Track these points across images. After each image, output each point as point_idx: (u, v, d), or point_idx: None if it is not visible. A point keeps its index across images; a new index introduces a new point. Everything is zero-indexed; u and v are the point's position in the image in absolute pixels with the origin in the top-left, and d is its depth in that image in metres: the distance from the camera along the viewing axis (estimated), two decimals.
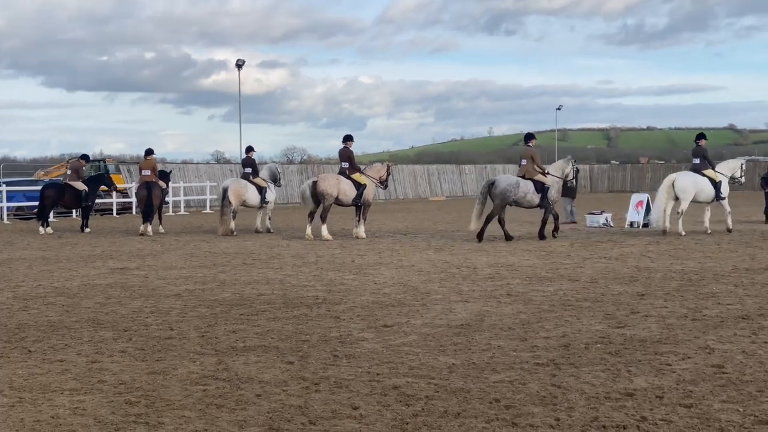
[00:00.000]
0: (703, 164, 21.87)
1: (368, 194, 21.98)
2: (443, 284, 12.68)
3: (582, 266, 14.77)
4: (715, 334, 8.58)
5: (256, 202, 24.23)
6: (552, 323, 9.36)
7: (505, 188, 20.29)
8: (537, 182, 20.58)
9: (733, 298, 10.99)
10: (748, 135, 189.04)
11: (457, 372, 7.15)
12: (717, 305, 10.41)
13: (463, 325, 9.34)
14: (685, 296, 11.18)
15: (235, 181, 24.39)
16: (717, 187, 21.59)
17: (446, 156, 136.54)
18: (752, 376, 6.85)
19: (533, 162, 20.85)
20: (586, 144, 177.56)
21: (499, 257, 16.44)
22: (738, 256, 16.10)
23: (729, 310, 10.07)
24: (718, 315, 9.72)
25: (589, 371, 7.11)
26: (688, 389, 6.49)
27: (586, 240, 20.11)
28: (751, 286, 12.00)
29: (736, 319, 9.46)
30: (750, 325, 9.04)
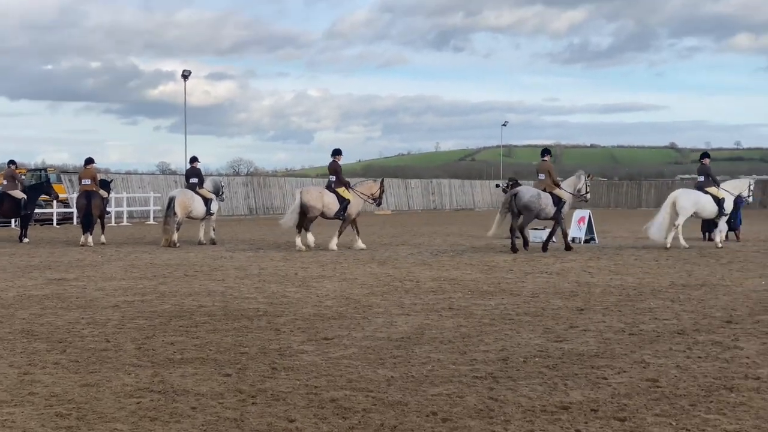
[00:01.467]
0: (707, 182, 22.67)
1: (352, 209, 22.27)
2: (385, 297, 12.68)
3: (524, 281, 14.87)
4: (650, 349, 8.69)
5: (202, 213, 24.08)
6: (492, 337, 9.40)
7: (528, 200, 21.15)
8: (554, 196, 21.52)
9: (669, 313, 11.14)
10: (688, 154, 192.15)
11: (395, 385, 7.14)
12: (654, 320, 10.55)
13: (403, 338, 9.33)
14: (623, 311, 11.31)
15: (182, 192, 24.21)
16: (720, 204, 22.31)
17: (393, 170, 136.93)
18: (685, 390, 6.94)
19: (550, 176, 21.77)
20: (531, 160, 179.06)
21: (442, 271, 16.50)
22: (675, 272, 16.34)
23: (665, 325, 10.21)
24: (655, 330, 9.85)
25: (527, 384, 7.15)
26: (623, 403, 6.56)
27: (529, 255, 20.27)
28: (687, 302, 12.18)
29: (672, 334, 9.60)
30: (685, 340, 9.17)
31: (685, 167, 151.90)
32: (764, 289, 13.58)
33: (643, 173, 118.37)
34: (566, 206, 21.84)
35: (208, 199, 24.17)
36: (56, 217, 35.53)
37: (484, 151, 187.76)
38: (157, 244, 23.83)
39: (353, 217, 22.37)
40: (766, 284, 14.28)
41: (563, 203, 21.65)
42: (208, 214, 24.23)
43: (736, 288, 13.80)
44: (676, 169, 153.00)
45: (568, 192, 22.08)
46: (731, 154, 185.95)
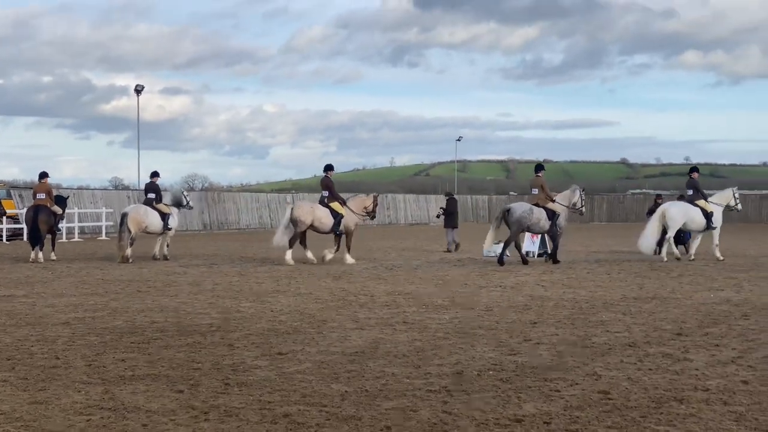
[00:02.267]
0: (696, 195, 23.32)
1: (348, 223, 22.51)
2: (340, 312, 12.66)
3: (478, 294, 14.94)
4: (602, 361, 8.77)
5: (159, 228, 23.85)
6: (446, 351, 9.42)
7: (521, 215, 21.87)
8: (548, 210, 22.12)
9: (621, 326, 11.25)
10: (639, 169, 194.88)
11: (349, 399, 7.12)
12: (605, 333, 10.65)
13: (357, 352, 9.32)
14: (575, 324, 11.40)
15: (135, 208, 24.11)
16: (708, 217, 22.87)
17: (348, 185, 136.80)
18: (636, 402, 7.01)
19: (543, 190, 22.38)
20: (485, 175, 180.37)
21: (397, 285, 16.51)
22: (627, 285, 16.52)
23: (617, 337, 10.31)
24: (606, 342, 9.94)
25: (480, 398, 7.17)
26: (575, 415, 6.61)
27: (483, 269, 20.37)
28: (638, 315, 12.32)
29: (623, 346, 9.69)
30: (636, 353, 9.27)
31: (636, 182, 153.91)
32: (713, 302, 13.78)
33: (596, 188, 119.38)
34: (561, 219, 22.39)
35: (166, 214, 23.95)
36: (6, 233, 34.98)
37: (438, 166, 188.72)
38: (109, 260, 23.58)
39: (352, 229, 22.70)
40: (715, 297, 14.48)
41: (557, 216, 22.20)
42: (165, 229, 24.00)
43: (686, 301, 13.98)
44: (627, 184, 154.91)
45: (563, 205, 22.62)
46: (681, 169, 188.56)
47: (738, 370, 8.31)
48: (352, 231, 22.79)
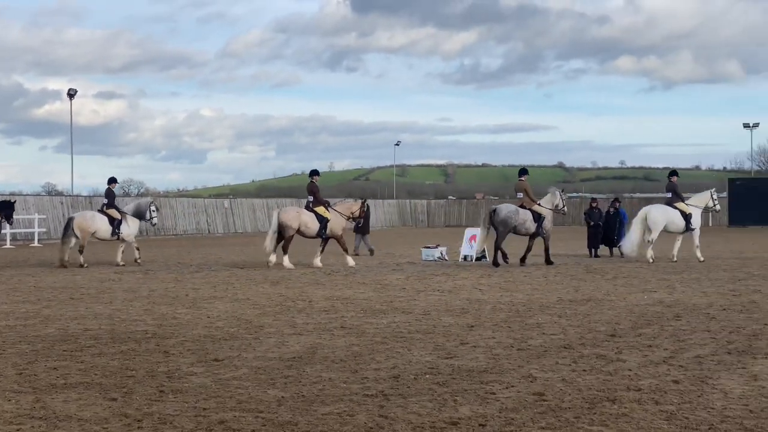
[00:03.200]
0: (675, 198, 24.07)
1: (334, 227, 22.89)
2: (277, 317, 12.60)
3: (416, 299, 14.99)
4: (538, 363, 8.86)
5: (106, 233, 23.79)
6: (383, 355, 9.43)
7: (506, 215, 22.48)
8: (534, 212, 22.85)
9: (556, 328, 11.38)
10: (576, 173, 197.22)
11: (285, 405, 7.09)
12: (541, 335, 10.76)
13: (295, 358, 9.29)
14: (512, 327, 11.50)
15: (82, 213, 24.43)
16: (687, 219, 23.58)
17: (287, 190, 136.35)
18: (570, 403, 7.09)
19: (527, 194, 23.16)
20: (424, 179, 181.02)
21: (336, 290, 16.49)
22: (563, 288, 16.72)
23: (552, 339, 10.42)
24: (542, 345, 10.05)
25: (417, 401, 7.19)
26: (510, 417, 6.66)
27: (421, 273, 20.45)
28: (573, 317, 12.47)
29: (559, 348, 9.80)
30: (571, 354, 9.38)
31: (573, 186, 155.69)
32: (646, 304, 14.01)
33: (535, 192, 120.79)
34: (547, 223, 23.10)
35: (116, 220, 23.82)
36: None
37: (378, 171, 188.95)
38: (42, 267, 23.18)
39: (339, 233, 23.03)
40: (648, 299, 14.73)
41: (543, 218, 22.92)
42: (112, 235, 23.86)
43: (620, 303, 14.19)
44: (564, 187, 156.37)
45: (547, 208, 23.30)
46: (616, 173, 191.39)
47: (669, 370, 8.45)
48: (340, 234, 23.13)
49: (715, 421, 6.53)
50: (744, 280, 18.06)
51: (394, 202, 70.03)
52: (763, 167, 79.55)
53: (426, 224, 68.12)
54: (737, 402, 7.12)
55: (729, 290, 15.97)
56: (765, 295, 15.13)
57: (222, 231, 52.23)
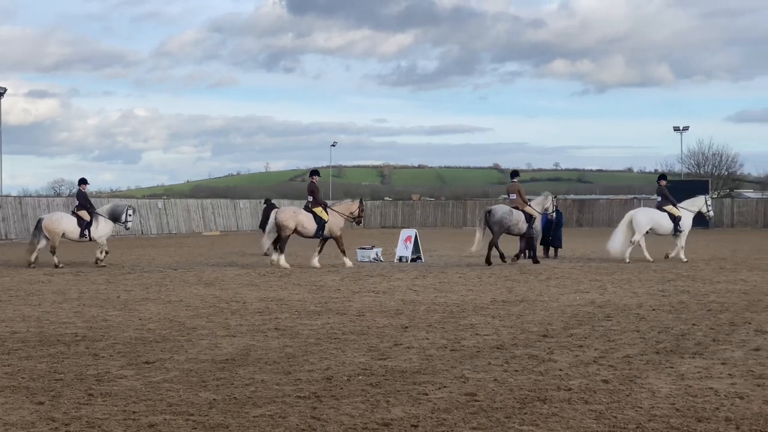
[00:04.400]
0: (664, 201, 24.65)
1: (332, 227, 23.03)
2: (211, 319, 12.49)
3: (351, 300, 14.98)
4: (470, 364, 8.92)
5: (76, 235, 23.75)
6: (317, 356, 9.41)
7: (501, 216, 23.47)
8: (526, 213, 23.73)
9: (489, 329, 11.47)
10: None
11: (217, 407, 7.03)
12: (475, 336, 10.84)
13: (227, 360, 9.22)
14: (445, 328, 11.56)
15: (50, 215, 24.67)
16: (676, 221, 24.22)
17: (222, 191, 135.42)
18: (502, 403, 7.15)
19: (520, 195, 23.91)
20: (361, 180, 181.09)
21: (270, 291, 16.41)
22: (497, 289, 16.86)
23: (485, 340, 10.50)
24: (475, 345, 10.12)
25: (350, 402, 7.19)
26: (442, 417, 6.69)
27: (357, 274, 20.45)
28: (506, 318, 12.58)
29: (491, 348, 9.88)
30: (503, 355, 9.47)
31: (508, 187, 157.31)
32: (578, 304, 14.19)
33: (469, 193, 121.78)
34: (537, 223, 24.13)
35: (85, 221, 23.72)
36: None
37: None
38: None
39: (338, 234, 23.15)
40: (580, 299, 14.92)
41: (534, 220, 23.84)
42: (81, 236, 23.82)
43: (553, 303, 14.36)
44: (500, 189, 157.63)
45: (537, 210, 24.21)
46: (551, 174, 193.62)
47: (599, 370, 8.58)
48: (339, 235, 23.26)
49: (642, 420, 6.64)
50: (673, 280, 18.40)
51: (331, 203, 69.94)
52: (693, 170, 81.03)
53: (362, 225, 68.14)
54: (664, 401, 7.25)
55: (658, 291, 16.26)
56: (693, 295, 15.44)
57: (156, 232, 51.59)
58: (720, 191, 75.57)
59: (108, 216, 24.34)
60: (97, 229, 23.97)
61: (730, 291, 16.14)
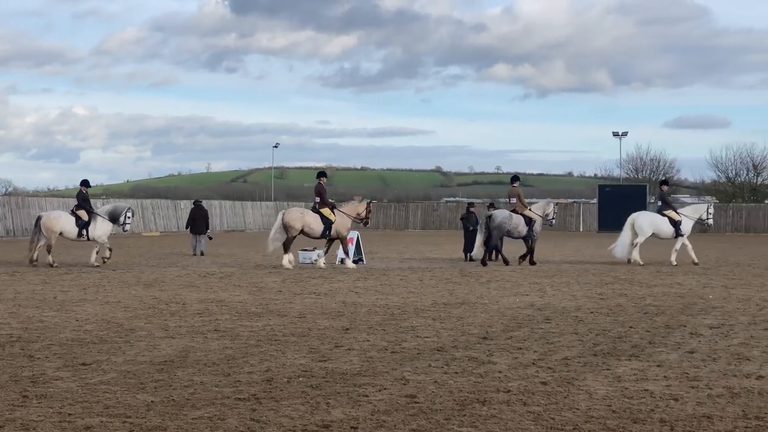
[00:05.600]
0: (664, 206, 25.66)
1: (339, 228, 23.25)
2: (150, 320, 12.36)
3: (292, 302, 14.93)
4: (411, 366, 8.95)
5: (73, 234, 23.62)
6: (257, 358, 9.36)
7: (501, 221, 24.38)
8: (526, 217, 24.64)
9: (430, 331, 11.52)
10: (453, 177, 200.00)
11: (155, 410, 6.96)
12: (415, 338, 10.87)
13: (166, 361, 9.13)
14: (386, 330, 11.59)
15: (48, 213, 24.80)
16: (676, 225, 24.92)
17: (163, 191, 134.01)
18: (441, 405, 7.19)
19: (520, 199, 24.90)
20: (303, 182, 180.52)
21: (210, 293, 16.28)
22: (438, 291, 16.94)
23: (426, 342, 10.54)
24: (416, 347, 10.15)
25: (289, 404, 7.17)
26: (382, 419, 6.70)
27: (298, 276, 20.39)
28: (447, 320, 12.65)
29: (432, 351, 9.92)
30: (443, 357, 9.51)
31: (450, 190, 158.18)
32: (518, 307, 14.32)
33: (411, 196, 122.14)
34: (537, 226, 24.96)
35: (83, 221, 23.58)
36: None
37: (256, 173, 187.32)
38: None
39: (345, 235, 23.47)
40: (520, 302, 15.06)
41: (534, 222, 24.73)
42: (78, 236, 23.66)
43: (493, 306, 14.47)
44: (441, 192, 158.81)
45: (537, 214, 25.19)
46: (493, 178, 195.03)
47: (538, 372, 8.67)
48: (345, 235, 23.54)
49: (579, 421, 6.72)
50: (611, 284, 18.66)
51: (272, 204, 69.59)
52: (632, 174, 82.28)
53: None
54: (601, 402, 7.35)
55: (597, 294, 16.48)
56: (630, 298, 15.68)
57: None
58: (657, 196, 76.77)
59: (107, 217, 24.35)
60: (95, 229, 23.90)
61: (667, 294, 16.42)
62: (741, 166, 79.78)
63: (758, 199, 75.40)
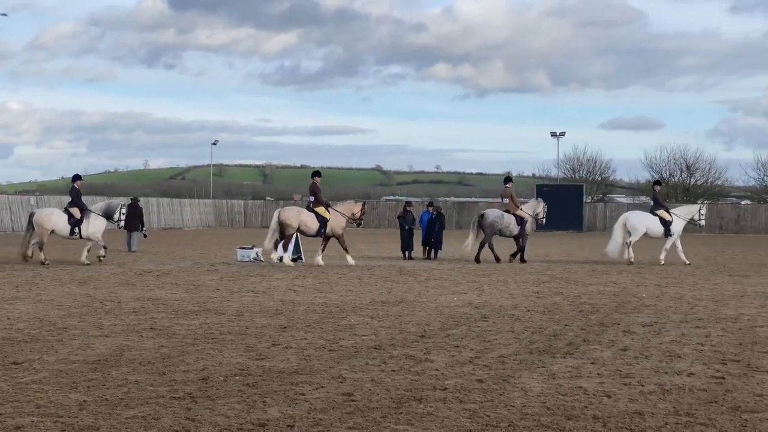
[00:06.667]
0: (656, 206, 26.00)
1: (334, 226, 23.76)
2: (83, 319, 12.17)
3: (229, 300, 14.82)
4: (348, 364, 8.95)
5: (64, 230, 23.23)
6: (193, 357, 9.28)
7: (493, 219, 25.28)
8: (517, 216, 25.51)
9: (368, 329, 11.53)
10: (393, 176, 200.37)
11: (87, 409, 6.86)
12: (353, 336, 10.87)
13: (100, 360, 9.00)
14: (324, 328, 11.57)
15: (41, 210, 24.69)
16: (666, 225, 25.24)
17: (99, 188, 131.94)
18: (378, 403, 7.20)
19: (512, 199, 25.78)
20: (242, 180, 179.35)
21: (146, 291, 16.09)
22: (376, 289, 16.96)
23: (363, 340, 10.55)
24: (354, 345, 10.15)
25: (225, 403, 7.12)
26: (318, 417, 6.69)
27: (236, 274, 20.25)
28: (385, 318, 12.67)
29: (369, 349, 9.93)
30: (381, 355, 9.53)
31: (390, 189, 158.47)
32: (456, 305, 14.40)
33: (351, 194, 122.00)
34: (528, 225, 25.82)
35: (76, 218, 23.18)
36: None
37: (194, 170, 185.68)
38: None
39: (340, 233, 23.87)
40: (457, 300, 15.15)
41: (525, 222, 25.57)
42: (71, 234, 23.23)
43: (431, 304, 14.53)
44: (381, 190, 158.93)
45: (528, 213, 26.01)
46: (432, 177, 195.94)
47: (474, 370, 8.73)
48: (341, 233, 23.95)
49: (514, 418, 6.78)
50: (548, 282, 18.87)
51: (211, 202, 69.06)
52: (569, 174, 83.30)
53: (243, 225, 67.51)
54: (536, 399, 7.43)
55: (533, 292, 16.65)
56: (566, 297, 15.87)
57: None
58: (594, 196, 77.80)
59: (101, 214, 23.98)
60: (89, 227, 23.54)
61: (601, 293, 16.66)
62: (675, 167, 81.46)
63: (691, 199, 76.86)
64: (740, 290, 17.37)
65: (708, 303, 15.00)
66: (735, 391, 7.83)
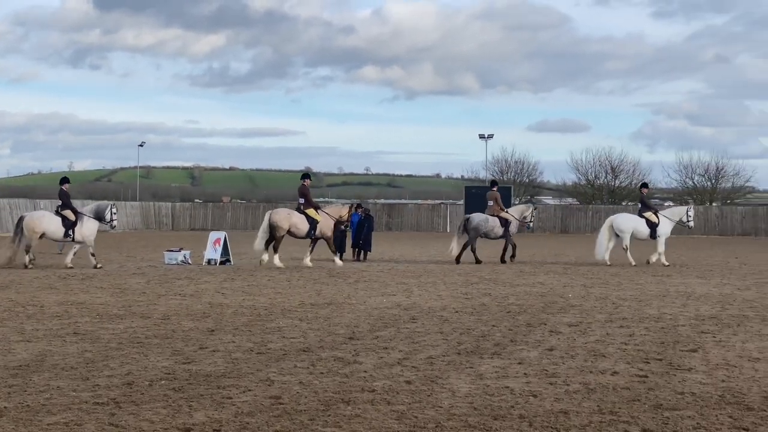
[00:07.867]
0: (644, 208, 26.47)
1: (324, 228, 24.14)
2: (4, 324, 11.89)
3: (156, 303, 14.63)
4: (276, 367, 8.89)
5: (58, 234, 22.88)
6: (118, 361, 9.13)
7: (478, 223, 26.22)
8: (501, 219, 26.47)
9: (297, 331, 11.48)
10: (323, 178, 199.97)
11: (8, 416, 6.69)
12: (282, 339, 10.82)
13: (21, 366, 8.80)
14: (252, 331, 11.49)
15: (32, 213, 24.09)
16: (653, 227, 25.61)
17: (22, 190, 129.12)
18: (306, 406, 7.17)
19: (496, 202, 26.79)
20: (170, 182, 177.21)
21: (70, 295, 15.79)
22: (306, 291, 16.90)
23: (292, 343, 10.50)
24: (282, 348, 10.10)
25: (150, 408, 7.01)
26: (245, 421, 6.64)
27: (163, 277, 20.00)
28: (314, 320, 12.63)
29: (298, 351, 9.89)
30: (309, 357, 9.50)
31: (320, 191, 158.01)
32: (385, 307, 14.43)
33: (281, 196, 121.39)
34: (513, 227, 26.76)
35: (70, 221, 22.78)
36: None
37: (121, 172, 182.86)
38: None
39: (329, 235, 24.28)
40: (387, 302, 15.18)
41: (509, 224, 26.50)
42: (65, 237, 22.89)
43: (360, 306, 14.54)
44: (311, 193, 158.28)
45: (514, 216, 26.91)
46: (362, 179, 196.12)
47: (403, 371, 8.75)
48: (330, 235, 24.34)
49: (442, 419, 6.81)
50: (476, 284, 19.02)
51: (138, 204, 68.12)
52: (497, 176, 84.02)
53: (170, 227, 66.70)
54: (464, 400, 7.47)
55: (462, 294, 16.76)
56: (494, 298, 16.01)
57: None
58: (522, 198, 78.63)
59: (93, 216, 23.57)
60: (83, 229, 23.12)
61: (529, 294, 16.85)
62: (600, 168, 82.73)
63: (616, 201, 78.22)
64: (663, 290, 17.73)
65: (632, 303, 15.28)
66: (657, 390, 7.98)
